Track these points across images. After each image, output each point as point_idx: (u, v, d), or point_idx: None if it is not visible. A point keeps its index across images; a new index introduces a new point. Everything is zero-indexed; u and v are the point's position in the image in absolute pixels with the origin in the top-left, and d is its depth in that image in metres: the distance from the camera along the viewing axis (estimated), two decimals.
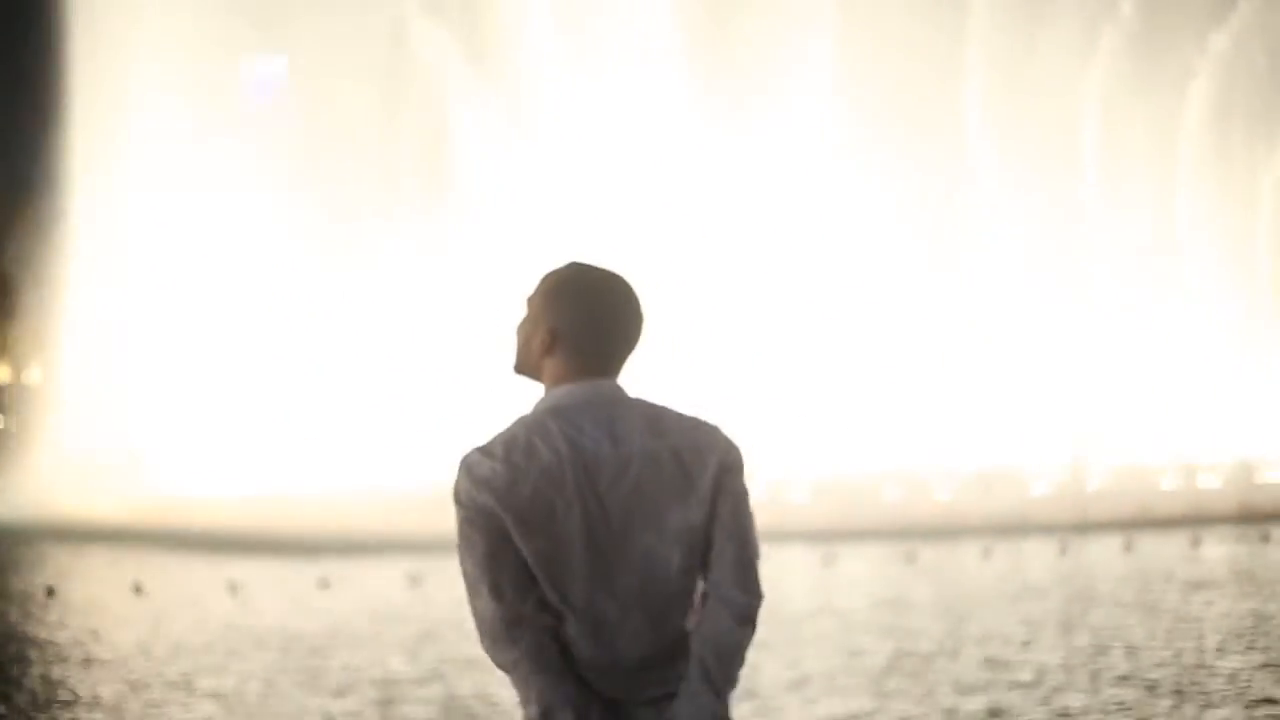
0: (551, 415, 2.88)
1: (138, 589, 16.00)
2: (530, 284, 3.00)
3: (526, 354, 2.95)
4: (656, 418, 2.89)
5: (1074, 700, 8.96)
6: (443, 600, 14.15)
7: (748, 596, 2.87)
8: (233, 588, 15.75)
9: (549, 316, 2.91)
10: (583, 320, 2.90)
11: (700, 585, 2.89)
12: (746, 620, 2.86)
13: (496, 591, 2.80)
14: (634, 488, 2.85)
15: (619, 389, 2.92)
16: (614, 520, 2.84)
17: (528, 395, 2.95)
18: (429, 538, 14.11)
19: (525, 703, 2.80)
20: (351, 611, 14.02)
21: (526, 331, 2.94)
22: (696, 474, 2.87)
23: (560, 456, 2.85)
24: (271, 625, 13.25)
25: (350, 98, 30.02)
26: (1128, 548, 17.66)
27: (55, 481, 27.73)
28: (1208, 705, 8.76)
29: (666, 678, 2.85)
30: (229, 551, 20.18)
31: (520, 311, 2.96)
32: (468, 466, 2.86)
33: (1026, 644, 10.92)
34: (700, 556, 2.88)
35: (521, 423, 2.90)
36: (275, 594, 15.92)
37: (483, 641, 2.84)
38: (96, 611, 15.22)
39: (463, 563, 2.84)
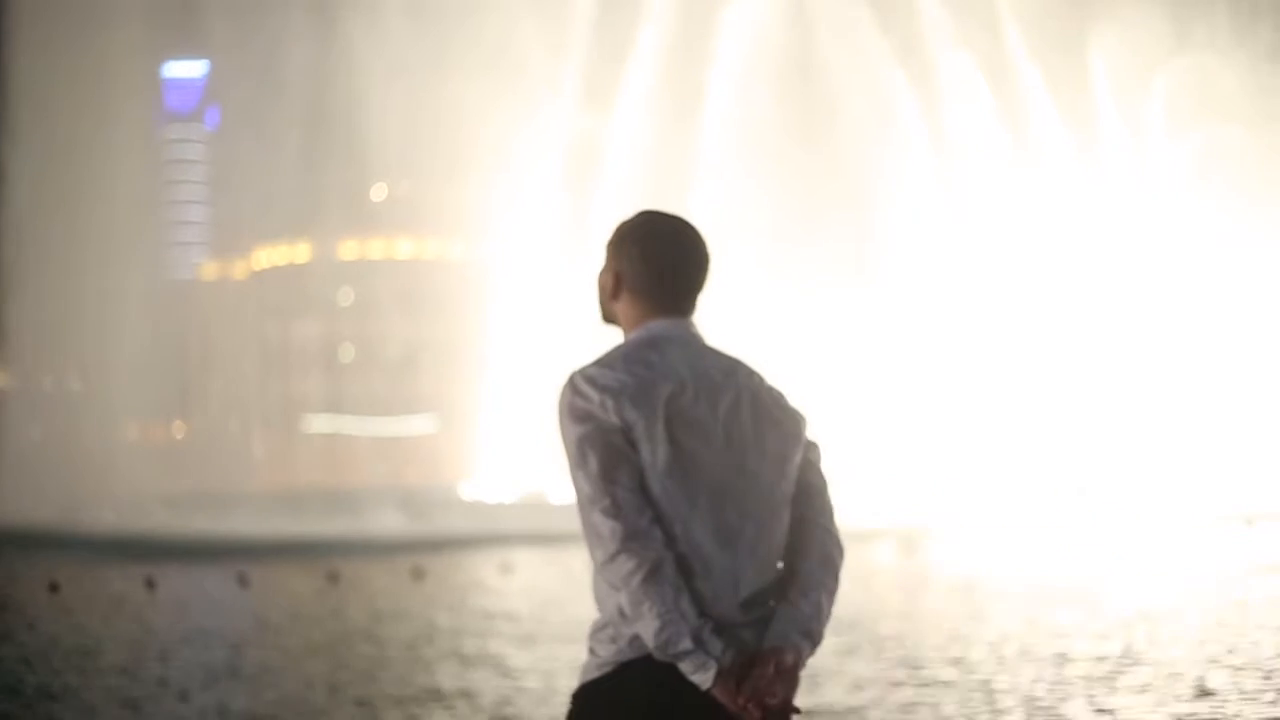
0: (648, 346, 2.94)
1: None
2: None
3: (603, 300, 3.05)
4: (734, 361, 2.98)
5: None
6: None
7: (840, 550, 2.97)
8: None
9: (615, 262, 3.01)
10: (643, 262, 2.98)
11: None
12: (839, 564, 2.95)
13: (614, 507, 2.78)
14: (751, 416, 2.91)
15: (696, 329, 3.00)
16: (734, 443, 2.88)
17: None
18: None
19: (635, 618, 2.77)
20: None
21: (601, 279, 3.04)
22: (797, 421, 2.98)
23: (682, 375, 2.89)
24: None
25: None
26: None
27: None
28: None
29: (766, 600, 2.87)
30: None
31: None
32: (588, 379, 2.86)
33: None
34: (792, 494, 2.95)
35: (621, 350, 2.95)
36: None
37: (597, 556, 2.81)
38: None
39: (576, 481, 2.84)
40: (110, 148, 31.69)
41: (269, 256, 70.12)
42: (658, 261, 2.98)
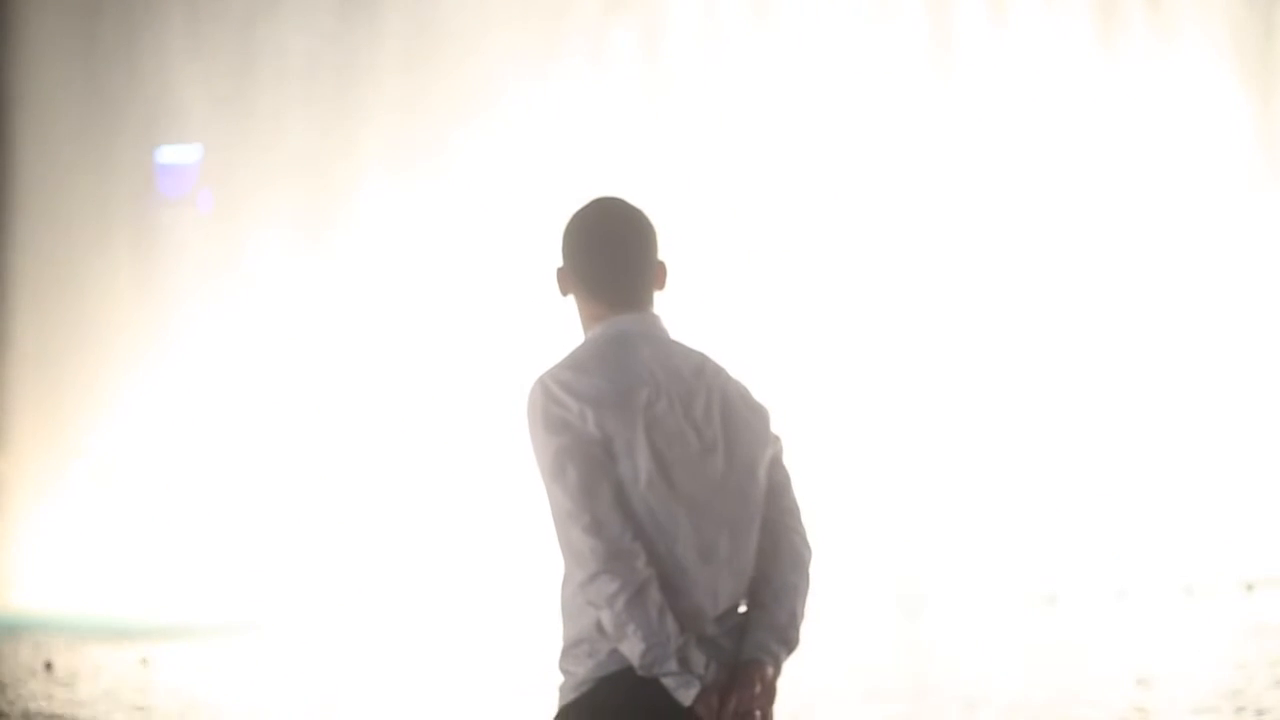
0: (618, 344, 2.85)
1: None
2: None
3: (563, 294, 2.97)
4: (700, 356, 2.91)
5: None
6: None
7: (808, 547, 2.94)
8: None
9: (562, 259, 2.94)
10: (582, 253, 2.90)
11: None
12: (809, 562, 2.92)
13: (596, 525, 2.74)
14: (722, 420, 2.86)
15: (658, 321, 2.91)
16: (708, 452, 2.84)
17: None
18: None
19: (618, 639, 2.75)
20: None
21: (556, 275, 2.97)
22: (764, 419, 2.93)
23: (657, 378, 2.83)
24: None
25: None
26: None
27: None
28: None
29: (738, 606, 2.86)
30: None
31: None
32: (563, 384, 2.79)
33: None
34: (763, 497, 2.91)
35: (592, 348, 2.87)
36: None
37: (576, 575, 2.78)
38: None
39: (551, 494, 2.77)
40: (108, 235, 31.47)
41: None
42: (598, 257, 2.88)
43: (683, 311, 3.19)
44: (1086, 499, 27.17)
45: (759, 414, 2.91)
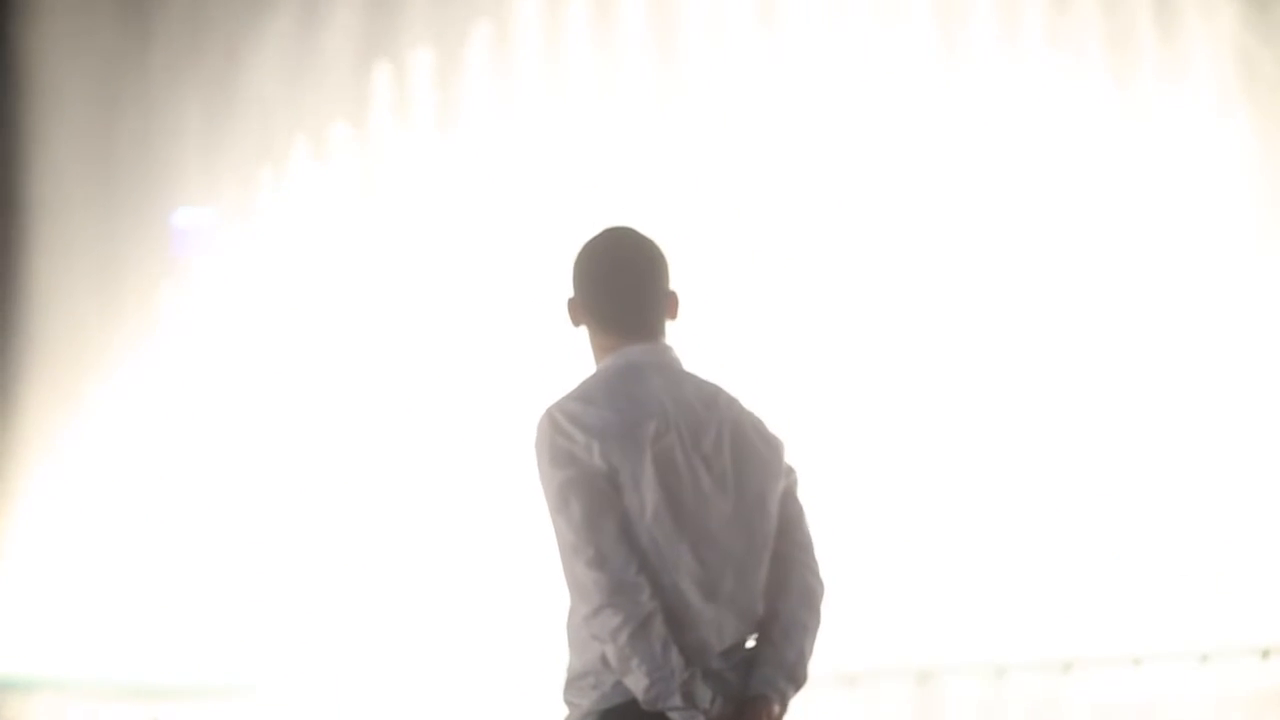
0: (628, 375, 2.81)
1: None
2: None
3: (575, 324, 2.93)
4: (713, 388, 2.86)
5: None
6: None
7: (820, 583, 2.89)
8: None
9: (572, 290, 2.91)
10: (591, 285, 2.87)
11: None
12: (821, 598, 2.88)
13: (599, 558, 2.71)
14: (734, 452, 2.82)
15: (670, 352, 2.87)
16: (718, 486, 2.80)
17: None
18: None
19: (622, 672, 2.71)
20: None
21: (568, 306, 2.94)
22: (777, 452, 2.87)
23: (666, 409, 2.78)
24: None
25: None
26: None
27: None
28: None
29: (745, 641, 2.82)
30: None
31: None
32: (571, 416, 2.75)
33: None
34: (774, 532, 2.86)
35: (601, 379, 2.83)
36: None
37: (580, 609, 2.74)
38: None
39: (557, 526, 2.74)
40: (123, 297, 31.53)
41: None
42: (608, 289, 2.85)
43: (691, 321, 3.11)
44: (1102, 566, 26.82)
45: (772, 446, 2.86)
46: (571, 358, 3.11)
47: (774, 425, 2.90)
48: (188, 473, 18.09)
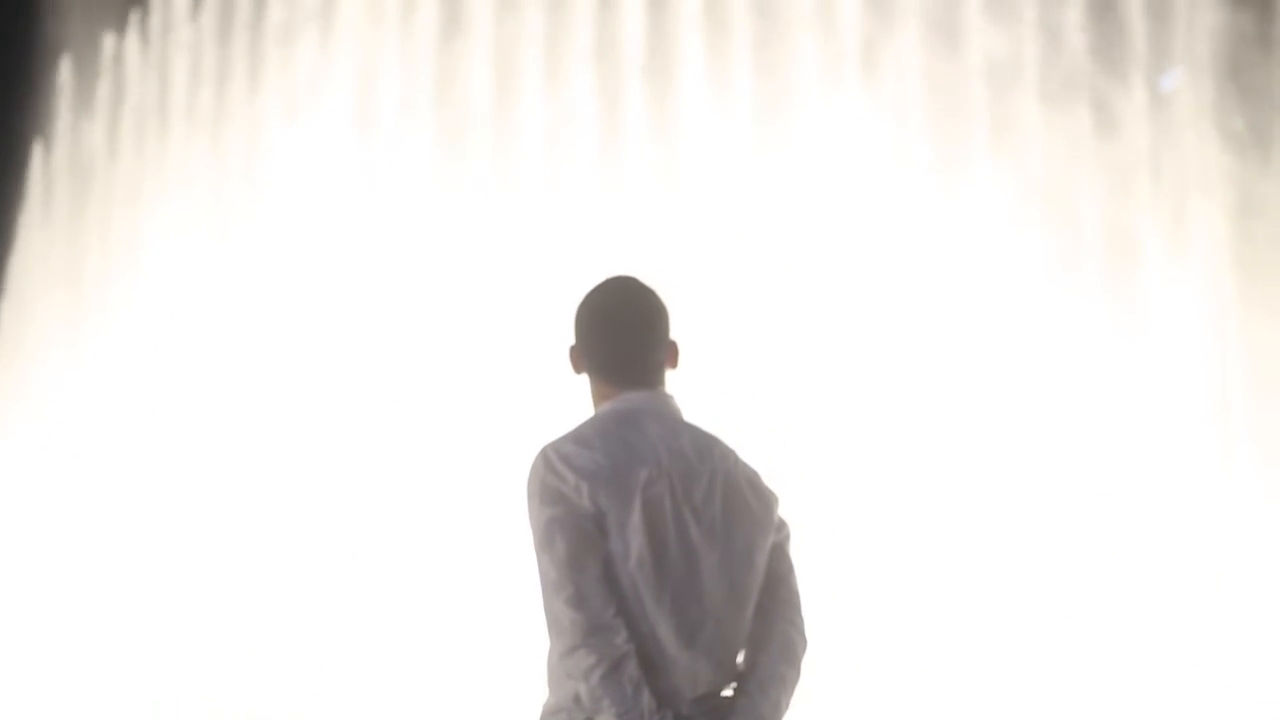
0: (625, 421, 2.87)
1: None
2: None
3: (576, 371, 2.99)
4: (710, 439, 2.92)
5: None
6: None
7: (803, 639, 2.93)
8: None
9: (575, 338, 2.97)
10: (592, 334, 2.93)
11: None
12: (802, 654, 2.92)
13: (579, 598, 2.75)
14: (724, 503, 2.87)
15: (669, 401, 2.93)
16: (704, 537, 2.84)
17: None
18: None
19: (594, 712, 2.76)
20: None
21: (569, 353, 3.00)
22: (768, 506, 2.92)
23: (659, 459, 2.84)
24: None
25: None
26: None
27: None
28: None
29: (721, 688, 2.85)
30: None
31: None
32: (564, 457, 2.80)
33: None
34: (759, 586, 2.90)
35: (599, 423, 2.89)
36: None
37: (556, 647, 2.79)
38: None
39: (540, 564, 2.79)
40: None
41: None
42: (608, 338, 2.91)
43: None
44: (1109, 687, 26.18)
45: (764, 500, 2.91)
46: (563, 360, 3.14)
47: (769, 480, 2.94)
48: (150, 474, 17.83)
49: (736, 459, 2.92)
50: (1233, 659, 16.62)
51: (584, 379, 2.99)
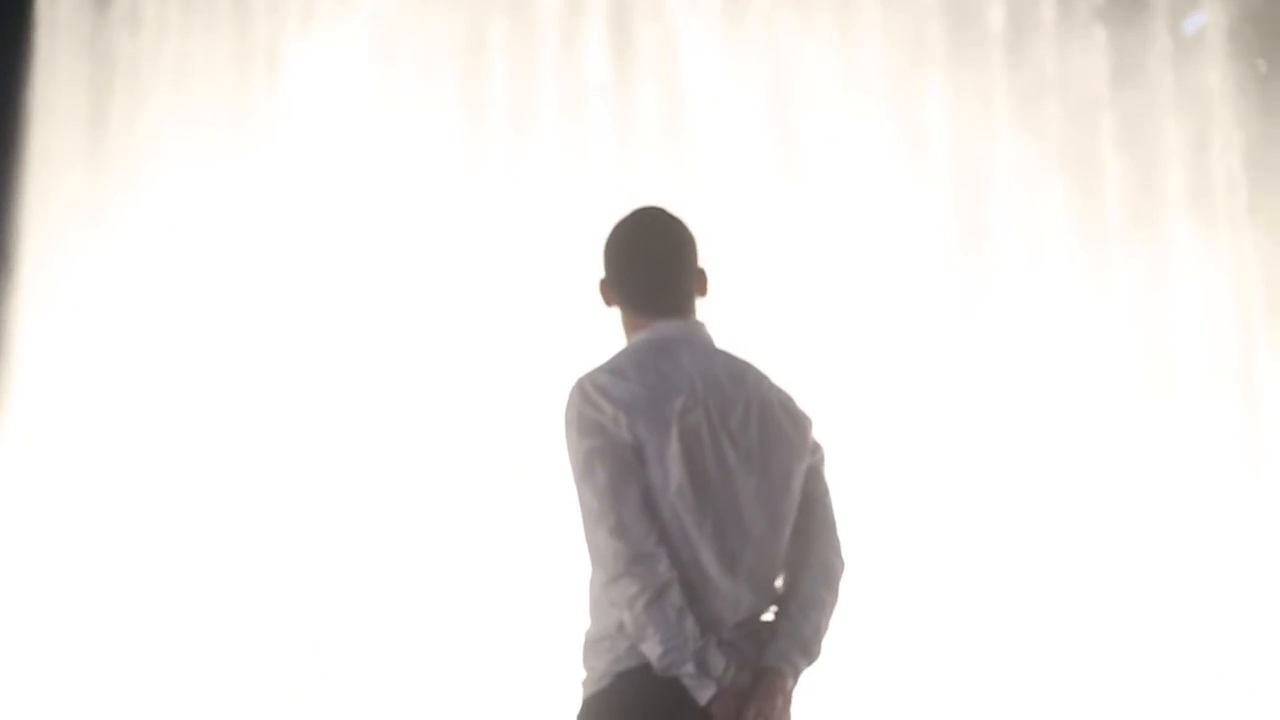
0: (659, 350, 2.88)
1: None
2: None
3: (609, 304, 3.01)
4: (743, 365, 2.94)
5: None
6: None
7: (841, 561, 2.95)
8: None
9: (604, 271, 2.99)
10: (622, 265, 2.95)
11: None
12: (840, 576, 2.94)
13: (620, 527, 2.76)
14: (760, 430, 2.88)
15: (701, 329, 2.95)
16: (743, 463, 2.86)
17: None
18: None
19: (639, 640, 2.77)
20: None
21: (600, 286, 3.01)
22: (803, 430, 2.94)
23: (694, 387, 2.85)
24: None
25: None
26: None
27: None
28: None
29: (762, 612, 2.88)
30: None
31: None
32: (600, 388, 2.81)
33: None
34: (796, 510, 2.92)
35: (632, 353, 2.90)
36: None
37: (599, 576, 2.80)
38: None
39: (581, 494, 2.81)
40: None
41: None
42: (638, 268, 2.93)
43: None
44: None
45: (799, 424, 2.93)
46: (560, 358, 3.16)
47: (802, 403, 2.95)
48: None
49: (771, 384, 2.93)
50: (1251, 659, 16.36)
51: (609, 315, 3.01)
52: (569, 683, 2.98)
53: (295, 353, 12.51)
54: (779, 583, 2.90)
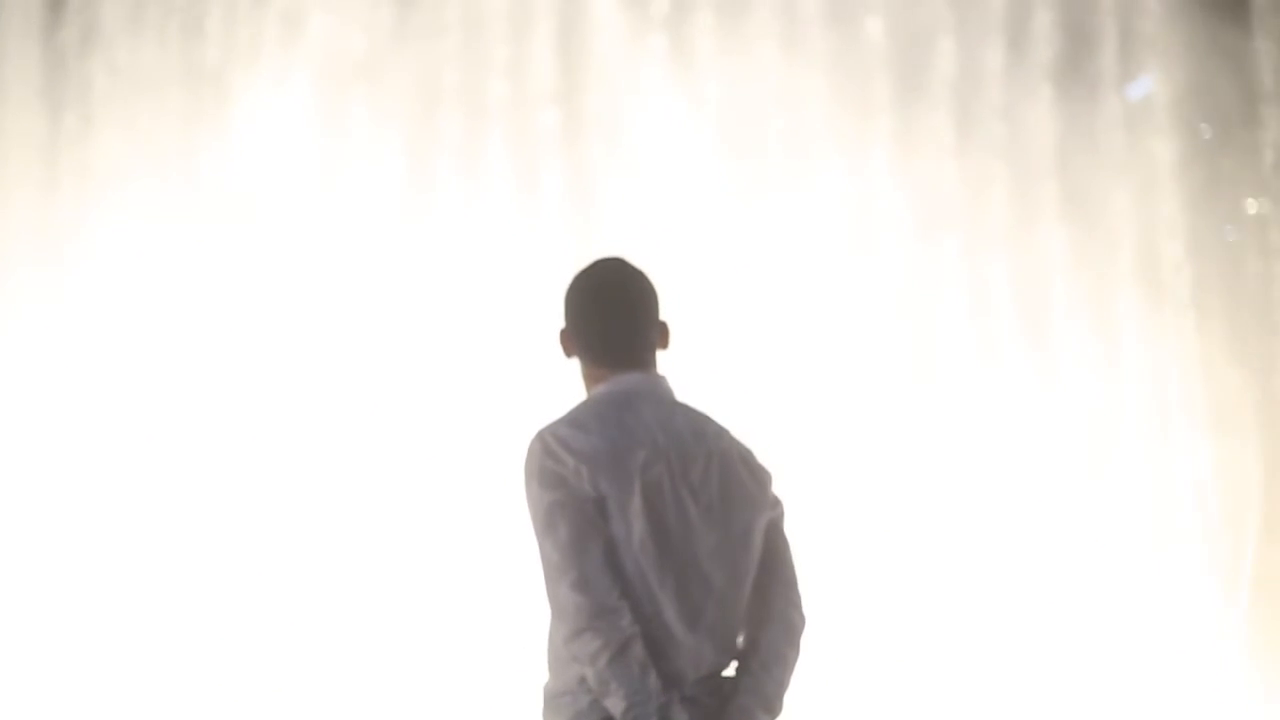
0: (620, 403, 2.88)
1: None
2: None
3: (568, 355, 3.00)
4: (703, 419, 2.93)
5: None
6: None
7: (801, 617, 2.95)
8: None
9: (564, 321, 2.97)
10: (582, 316, 2.94)
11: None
12: (801, 632, 2.95)
13: (583, 582, 2.76)
14: (721, 484, 2.88)
15: (662, 381, 2.94)
16: (704, 512, 2.86)
17: None
18: None
19: (602, 695, 2.77)
20: None
21: (560, 337, 3.00)
22: (763, 484, 2.94)
23: (656, 441, 2.85)
24: None
25: None
26: None
27: None
28: None
29: (723, 667, 2.87)
30: None
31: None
32: (561, 440, 2.80)
33: None
34: (756, 564, 2.92)
35: (594, 405, 2.89)
36: None
37: (560, 630, 2.80)
38: None
39: (542, 549, 2.80)
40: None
41: None
42: (598, 320, 2.92)
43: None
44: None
45: (759, 478, 2.93)
46: (550, 354, 3.14)
47: (763, 457, 2.95)
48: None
49: (731, 438, 2.93)
50: (1250, 661, 16.39)
51: (574, 365, 3.00)
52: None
53: (243, 385, 12.47)
54: (740, 639, 2.90)
